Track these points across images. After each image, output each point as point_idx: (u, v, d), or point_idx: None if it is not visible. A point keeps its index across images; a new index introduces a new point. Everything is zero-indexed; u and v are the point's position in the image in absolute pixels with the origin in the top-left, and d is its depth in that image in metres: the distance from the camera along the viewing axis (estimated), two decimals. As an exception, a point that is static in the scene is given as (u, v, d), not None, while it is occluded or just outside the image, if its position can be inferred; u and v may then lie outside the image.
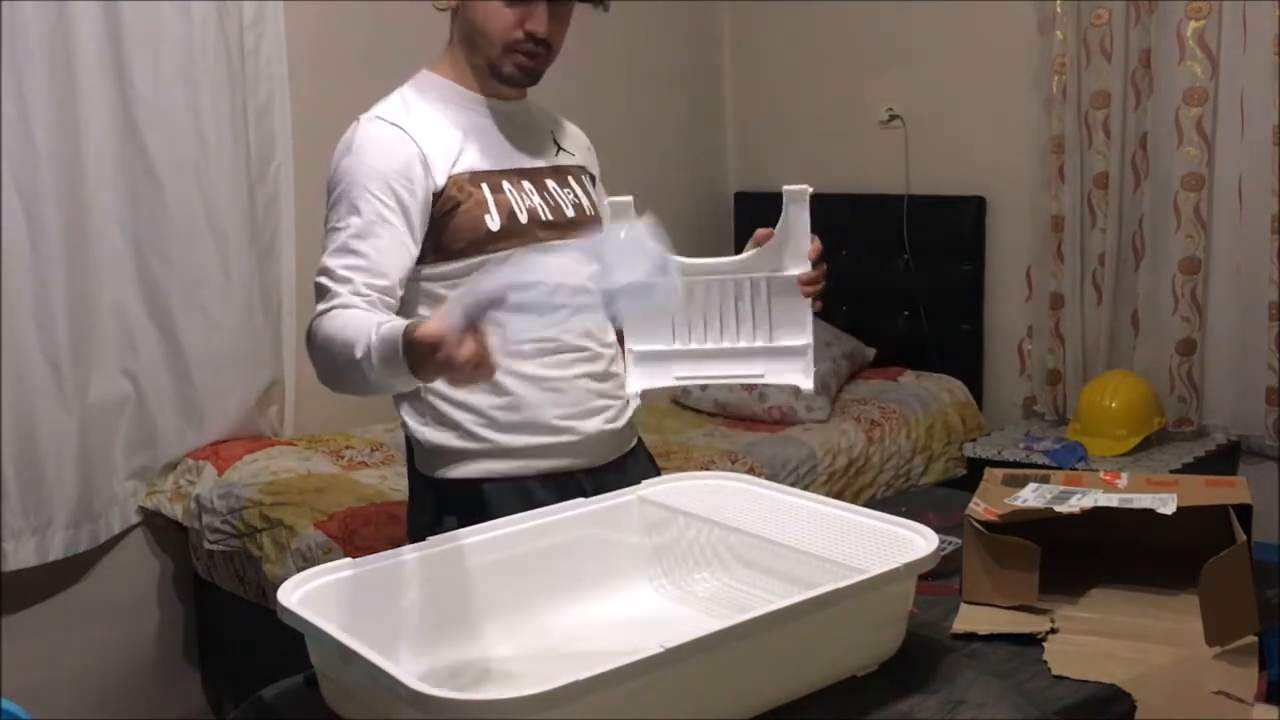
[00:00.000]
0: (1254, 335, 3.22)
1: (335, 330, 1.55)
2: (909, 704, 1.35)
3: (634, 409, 1.90)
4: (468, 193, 1.70)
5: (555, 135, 1.90)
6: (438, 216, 1.69)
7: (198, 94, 2.95)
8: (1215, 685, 1.41)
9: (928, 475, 3.48)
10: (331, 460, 3.04)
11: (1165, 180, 3.28)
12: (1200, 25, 3.18)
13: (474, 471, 1.77)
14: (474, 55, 1.76)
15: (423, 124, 1.73)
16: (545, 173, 1.82)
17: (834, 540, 1.53)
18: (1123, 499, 1.66)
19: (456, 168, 1.71)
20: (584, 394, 1.79)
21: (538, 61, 1.75)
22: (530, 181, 1.78)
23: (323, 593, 1.36)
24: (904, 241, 3.82)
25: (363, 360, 1.47)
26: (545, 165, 1.83)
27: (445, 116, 1.76)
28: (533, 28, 1.71)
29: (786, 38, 4.19)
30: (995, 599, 1.59)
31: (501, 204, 1.72)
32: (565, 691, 1.09)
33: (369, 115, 1.74)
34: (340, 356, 1.52)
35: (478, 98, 1.80)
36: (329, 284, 1.62)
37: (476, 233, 1.70)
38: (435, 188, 1.69)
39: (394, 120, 1.72)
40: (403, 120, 1.72)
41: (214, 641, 3.13)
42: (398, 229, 1.66)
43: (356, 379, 1.51)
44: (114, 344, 2.94)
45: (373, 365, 1.46)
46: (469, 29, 1.75)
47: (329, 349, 1.55)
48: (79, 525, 2.89)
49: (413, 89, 1.80)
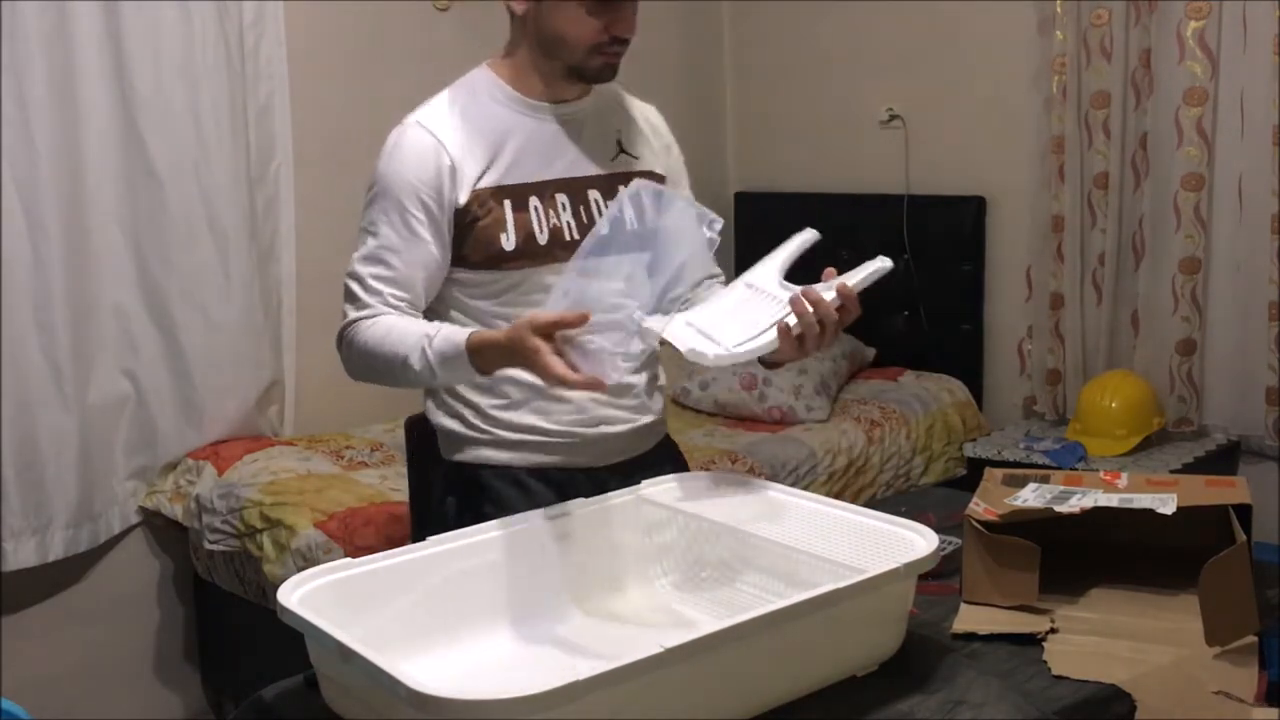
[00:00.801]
0: (1254, 335, 3.22)
1: (378, 338, 1.67)
2: (909, 704, 1.35)
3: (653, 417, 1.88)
4: (488, 209, 1.71)
5: (622, 136, 1.85)
6: (459, 227, 1.72)
7: (198, 94, 2.95)
8: (1215, 685, 1.41)
9: (928, 475, 3.48)
10: (331, 460, 3.04)
11: (1165, 180, 3.28)
12: (1200, 25, 3.18)
13: (474, 457, 1.82)
14: (550, 61, 1.74)
15: (462, 132, 1.71)
16: (592, 182, 1.78)
17: (834, 540, 1.53)
18: (1123, 499, 1.66)
19: (483, 182, 1.71)
20: (586, 403, 1.80)
21: (616, 60, 1.75)
22: (568, 194, 1.75)
23: (323, 593, 1.36)
24: (904, 241, 3.82)
25: (421, 368, 1.62)
26: (595, 174, 1.79)
27: (490, 123, 1.74)
28: (618, 31, 1.71)
29: (786, 38, 4.19)
30: (995, 599, 1.59)
31: (521, 223, 1.71)
32: (565, 691, 1.09)
33: (413, 119, 1.74)
34: (387, 362, 1.66)
35: (532, 103, 1.77)
36: (360, 292, 1.72)
37: (490, 250, 1.71)
38: (458, 202, 1.70)
39: (433, 128, 1.71)
40: (442, 127, 1.71)
41: (214, 641, 3.13)
42: (426, 242, 1.70)
43: (402, 379, 1.67)
44: (114, 344, 2.94)
45: (434, 371, 1.62)
46: (546, 35, 1.72)
47: (371, 355, 1.68)
48: (79, 525, 2.90)
49: (466, 90, 1.77)
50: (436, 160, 1.69)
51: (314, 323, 3.30)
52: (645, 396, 1.87)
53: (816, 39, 4.09)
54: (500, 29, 3.69)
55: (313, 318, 3.30)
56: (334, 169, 3.34)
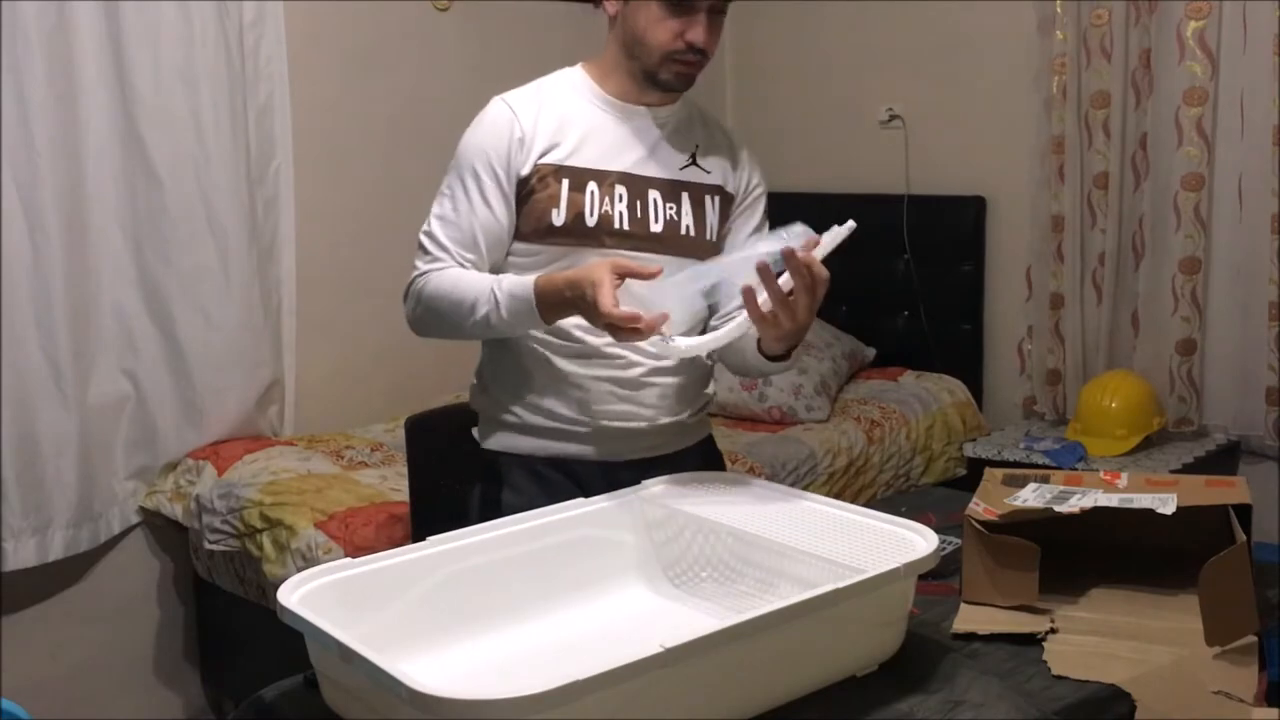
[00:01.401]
0: (1254, 335, 3.22)
1: (447, 287, 1.76)
2: (909, 704, 1.35)
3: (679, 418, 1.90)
4: (546, 183, 1.78)
5: (699, 149, 1.89)
6: (519, 198, 1.79)
7: (198, 94, 2.95)
8: (1215, 685, 1.41)
9: (928, 475, 3.48)
10: (331, 460, 3.04)
11: (1165, 180, 3.28)
12: (1200, 25, 3.18)
13: (499, 444, 1.90)
14: (631, 62, 1.80)
15: (538, 111, 1.80)
16: (655, 183, 1.83)
17: (834, 540, 1.53)
18: (1123, 499, 1.66)
19: (547, 157, 1.78)
20: (605, 396, 1.84)
21: (694, 69, 1.80)
22: (627, 187, 1.80)
23: (323, 593, 1.36)
24: (904, 241, 3.82)
25: (487, 311, 1.71)
26: (660, 176, 1.83)
27: (569, 110, 1.82)
28: (693, 38, 1.75)
29: (786, 38, 4.19)
30: (995, 599, 1.59)
31: (574, 202, 1.77)
32: (565, 691, 1.09)
33: (500, 96, 1.83)
34: (455, 306, 1.74)
35: (613, 100, 1.84)
36: (430, 247, 1.80)
37: (541, 223, 1.78)
38: (521, 172, 1.78)
39: (513, 103, 1.80)
40: (523, 104, 1.80)
41: (214, 641, 3.13)
42: (493, 208, 1.79)
43: (468, 326, 1.74)
44: (114, 344, 2.94)
45: (501, 314, 1.70)
46: (629, 37, 1.78)
47: (440, 301, 1.76)
48: (79, 525, 2.89)
49: (555, 80, 1.86)
50: (509, 130, 1.78)
51: (314, 323, 3.31)
52: (674, 399, 1.89)
53: (816, 39, 4.09)
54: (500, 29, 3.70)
55: (313, 318, 3.30)
56: (334, 169, 3.34)
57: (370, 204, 3.42)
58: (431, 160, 3.46)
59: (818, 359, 3.59)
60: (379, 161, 3.44)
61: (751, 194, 1.97)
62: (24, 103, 2.71)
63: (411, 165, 3.47)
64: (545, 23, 3.66)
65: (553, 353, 1.83)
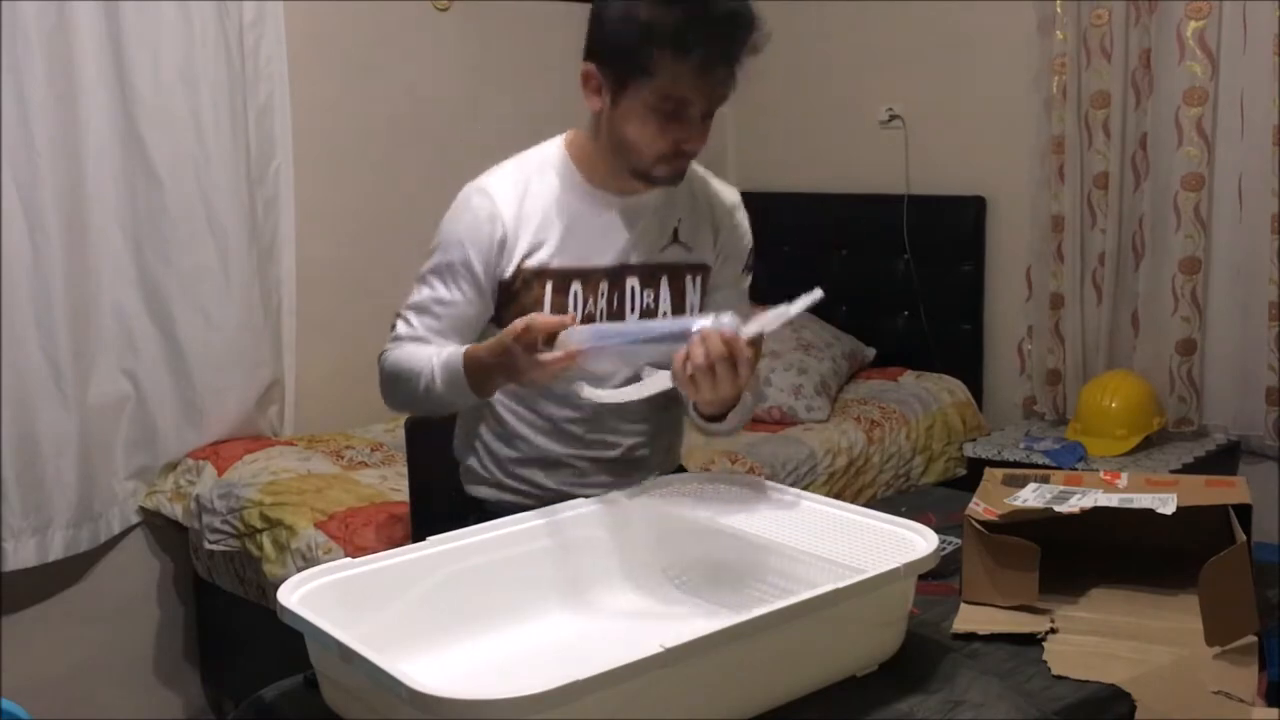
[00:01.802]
0: (1254, 335, 3.22)
1: (400, 360, 1.77)
2: (909, 704, 1.35)
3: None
4: (530, 286, 1.78)
5: (681, 226, 1.86)
6: (503, 294, 1.80)
7: (198, 94, 2.95)
8: (1215, 685, 1.41)
9: (928, 475, 3.48)
10: (331, 460, 3.03)
11: (1165, 180, 3.28)
12: (1200, 25, 3.18)
13: (482, 494, 1.96)
14: (618, 159, 1.76)
15: (520, 207, 1.78)
16: (635, 270, 1.82)
17: (834, 540, 1.53)
18: (1123, 499, 1.66)
19: (530, 260, 1.77)
20: (587, 469, 1.90)
21: (684, 167, 1.78)
22: (609, 280, 1.80)
23: (323, 593, 1.36)
24: (904, 241, 3.82)
25: (428, 384, 1.71)
26: (638, 263, 1.82)
27: (551, 203, 1.80)
28: (688, 145, 1.73)
29: (786, 38, 4.19)
30: (995, 599, 1.59)
31: (557, 305, 1.77)
32: (565, 691, 1.09)
33: (480, 182, 1.81)
34: (408, 382, 1.75)
35: (594, 190, 1.81)
36: (402, 329, 1.81)
37: None
38: (504, 274, 1.78)
39: (495, 196, 1.78)
40: (504, 197, 1.78)
41: (214, 641, 3.13)
42: (472, 301, 1.79)
43: (422, 400, 1.74)
44: (114, 344, 2.93)
45: (440, 387, 1.70)
46: (617, 139, 1.74)
47: (395, 377, 1.78)
48: (79, 525, 2.89)
49: (536, 162, 1.83)
50: (491, 229, 1.76)
51: (314, 323, 3.31)
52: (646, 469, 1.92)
53: (816, 39, 4.09)
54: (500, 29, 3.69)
55: (313, 318, 3.30)
56: (334, 169, 3.34)
57: (370, 204, 3.42)
58: (431, 160, 3.50)
59: (818, 359, 3.59)
60: (379, 161, 3.44)
61: (728, 251, 1.93)
62: (24, 103, 2.71)
63: (411, 165, 3.47)
64: (545, 23, 3.66)
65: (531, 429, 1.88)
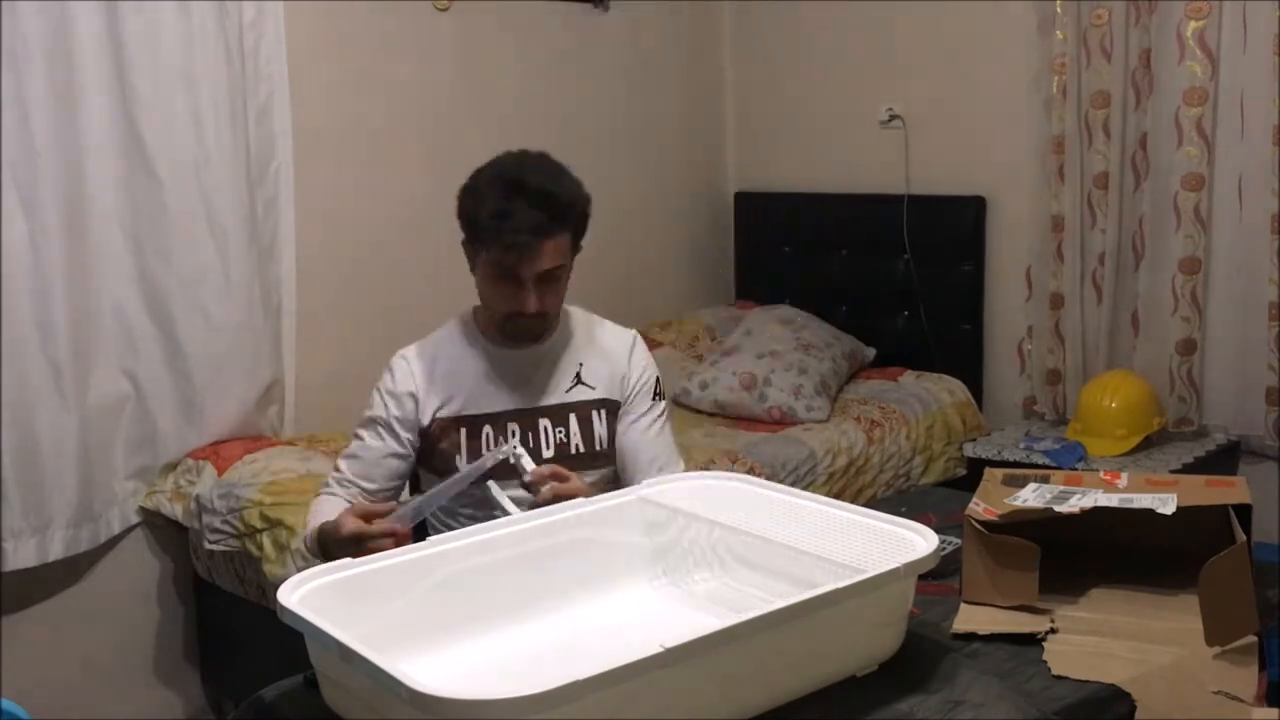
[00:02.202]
0: (1254, 335, 3.22)
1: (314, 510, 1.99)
2: (909, 704, 1.35)
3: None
4: (447, 433, 1.99)
5: (583, 369, 2.04)
6: (425, 441, 2.01)
7: (198, 94, 2.95)
8: (1215, 685, 1.41)
9: (928, 475, 3.48)
10: (331, 460, 3.03)
11: (1165, 180, 3.28)
12: (1200, 25, 3.18)
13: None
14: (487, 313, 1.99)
15: (432, 369, 2.01)
16: (545, 411, 2.00)
17: (834, 540, 1.53)
18: (1123, 499, 1.66)
19: (443, 411, 1.99)
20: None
21: (534, 326, 1.96)
22: (519, 422, 1.98)
23: (323, 593, 1.37)
24: (904, 241, 3.82)
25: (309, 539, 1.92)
26: (547, 405, 2.00)
27: (458, 363, 2.01)
28: (521, 307, 1.90)
29: (786, 38, 4.19)
30: (995, 599, 1.59)
31: (473, 449, 1.97)
32: (565, 691, 1.09)
33: (403, 350, 2.04)
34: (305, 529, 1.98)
35: (492, 349, 2.01)
36: (333, 477, 2.05)
37: (448, 467, 1.97)
38: (422, 425, 2.00)
39: (412, 362, 2.02)
40: (419, 362, 2.02)
41: (214, 641, 3.13)
42: (393, 449, 2.01)
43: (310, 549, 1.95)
44: (114, 344, 2.93)
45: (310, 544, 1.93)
46: (479, 294, 1.98)
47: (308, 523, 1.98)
48: (79, 525, 2.89)
49: (448, 330, 2.06)
50: (406, 386, 2.00)
51: (314, 323, 3.31)
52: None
53: (816, 39, 4.09)
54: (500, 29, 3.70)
55: (313, 318, 3.30)
56: (334, 169, 3.34)
57: (370, 204, 3.42)
58: (431, 160, 3.50)
59: (818, 359, 3.59)
60: (379, 161, 3.44)
61: (635, 388, 2.07)
62: (24, 103, 2.71)
63: (411, 164, 3.47)
64: (545, 23, 3.66)
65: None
